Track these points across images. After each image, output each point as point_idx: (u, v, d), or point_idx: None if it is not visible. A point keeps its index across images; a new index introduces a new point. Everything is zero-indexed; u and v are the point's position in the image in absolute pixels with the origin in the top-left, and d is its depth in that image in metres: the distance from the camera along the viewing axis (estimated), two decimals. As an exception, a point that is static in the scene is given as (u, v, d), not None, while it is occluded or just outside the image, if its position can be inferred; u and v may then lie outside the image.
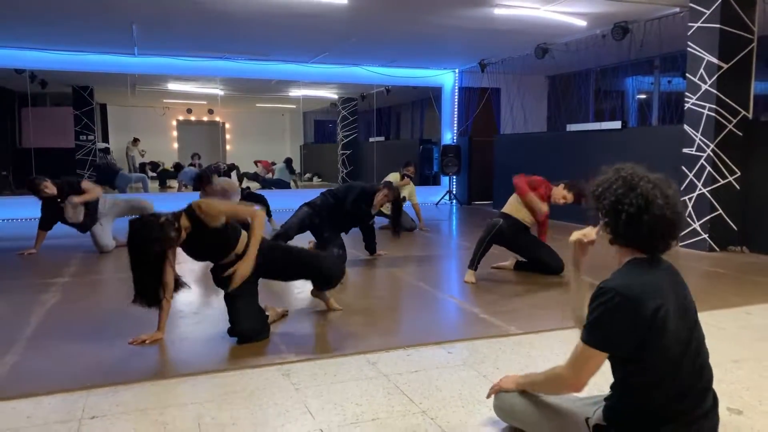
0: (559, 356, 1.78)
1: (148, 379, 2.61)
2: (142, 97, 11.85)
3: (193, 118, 12.91)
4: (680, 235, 1.68)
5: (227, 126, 12.73)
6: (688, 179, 5.78)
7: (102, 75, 9.35)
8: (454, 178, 10.87)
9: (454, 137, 11.01)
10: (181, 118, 12.78)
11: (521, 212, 4.67)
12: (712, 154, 5.59)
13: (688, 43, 5.73)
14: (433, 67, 10.60)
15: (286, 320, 3.50)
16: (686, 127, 5.82)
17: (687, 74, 5.81)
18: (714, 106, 5.53)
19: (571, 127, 8.28)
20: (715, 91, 5.52)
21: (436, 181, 11.51)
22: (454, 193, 10.84)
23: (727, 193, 5.66)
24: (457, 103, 10.98)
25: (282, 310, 3.56)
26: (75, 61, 8.69)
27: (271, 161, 12.74)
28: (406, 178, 7.48)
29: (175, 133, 12.79)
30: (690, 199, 5.77)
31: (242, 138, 12.99)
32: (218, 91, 11.15)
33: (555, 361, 1.89)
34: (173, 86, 11.24)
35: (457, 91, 10.94)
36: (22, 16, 6.53)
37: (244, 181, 12.21)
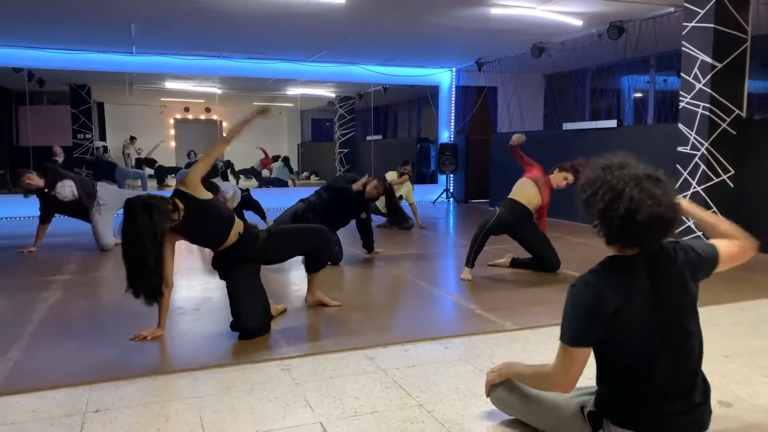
0: (554, 351, 1.83)
1: (149, 374, 2.65)
2: (140, 95, 11.86)
3: (190, 117, 12.93)
4: (675, 228, 1.71)
5: (224, 124, 12.74)
6: (683, 177, 5.83)
7: (99, 73, 9.36)
8: (451, 176, 10.90)
9: (451, 136, 11.05)
10: (179, 116, 12.79)
11: (527, 196, 4.71)
12: (706, 153, 5.64)
13: (683, 42, 5.78)
14: (430, 65, 10.63)
15: (286, 316, 3.55)
16: (681, 126, 5.87)
17: (681, 73, 5.86)
18: (708, 105, 5.58)
19: (568, 126, 8.34)
20: (710, 90, 5.57)
21: (433, 180, 11.55)
22: (451, 191, 10.89)
23: (721, 192, 5.71)
24: (454, 101, 11.01)
25: (281, 307, 3.60)
26: (73, 59, 8.70)
27: (273, 156, 12.74)
28: (404, 176, 7.51)
29: (172, 132, 12.80)
30: (684, 197, 5.81)
31: (239, 136, 12.97)
32: (216, 90, 11.18)
33: (549, 356, 1.93)
34: (170, 85, 11.25)
35: (454, 89, 10.97)
36: (20, 15, 6.54)
37: (241, 179, 12.24)
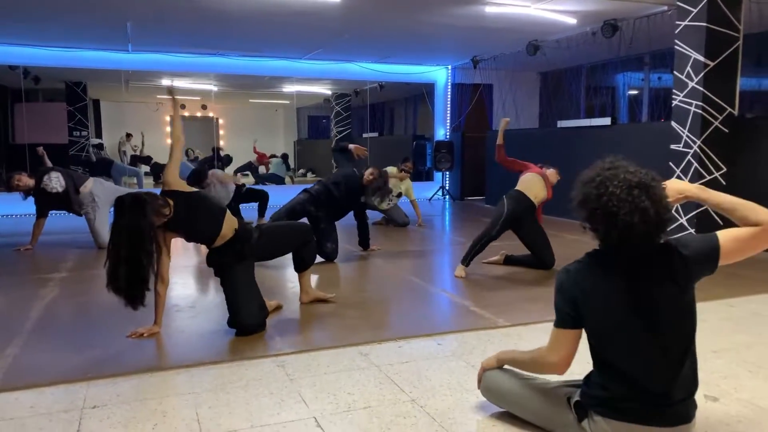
0: (546, 347, 1.90)
1: (146, 370, 2.68)
2: (136, 92, 11.86)
3: (186, 114, 12.91)
4: (665, 231, 1.78)
5: (221, 122, 12.76)
6: (675, 175, 5.87)
7: (95, 71, 9.37)
8: (447, 173, 10.95)
9: (447, 133, 11.09)
10: (175, 113, 12.78)
11: (535, 190, 4.75)
12: (698, 150, 5.69)
13: (676, 41, 5.82)
14: (426, 63, 10.67)
15: (281, 313, 3.59)
16: (674, 124, 5.92)
17: (674, 72, 5.90)
18: (700, 103, 5.63)
19: (562, 124, 8.38)
20: (702, 89, 5.61)
21: (429, 177, 11.58)
22: (447, 188, 10.93)
23: (713, 189, 5.73)
24: (449, 99, 11.05)
25: (276, 303, 3.64)
26: (69, 57, 8.70)
27: (270, 154, 12.77)
28: (403, 172, 7.50)
29: (168, 129, 12.80)
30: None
31: (236, 133, 13.02)
32: (212, 87, 11.19)
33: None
34: (167, 82, 11.25)
35: (450, 87, 11.01)
36: (16, 13, 6.55)
37: (237, 175, 12.24)
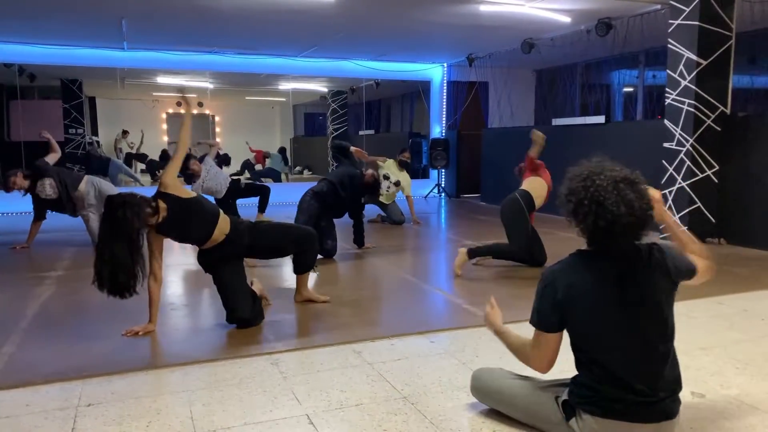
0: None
1: (141, 368, 2.71)
2: (132, 90, 11.87)
3: (182, 111, 12.92)
4: (647, 231, 1.82)
5: (217, 119, 12.77)
6: (668, 173, 5.92)
7: (91, 68, 9.35)
8: (443, 171, 10.98)
9: (443, 131, 11.12)
10: (171, 110, 12.79)
11: (537, 191, 4.79)
12: (691, 149, 5.73)
13: (669, 39, 5.86)
14: (422, 61, 10.68)
15: (276, 311, 3.61)
16: (666, 122, 5.95)
17: (667, 70, 5.94)
18: (693, 102, 5.67)
19: (557, 122, 8.41)
20: (694, 87, 5.65)
21: (425, 175, 11.62)
22: (443, 186, 10.96)
23: (705, 187, 5.81)
24: (445, 96, 11.07)
25: (258, 287, 3.64)
26: (64, 55, 8.70)
27: (265, 151, 12.80)
28: (401, 166, 7.56)
29: (164, 126, 12.80)
30: (670, 193, 5.92)
31: (232, 131, 13.03)
32: (208, 85, 11.19)
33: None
34: (162, 79, 11.26)
35: (446, 85, 11.03)
36: (11, 11, 6.54)
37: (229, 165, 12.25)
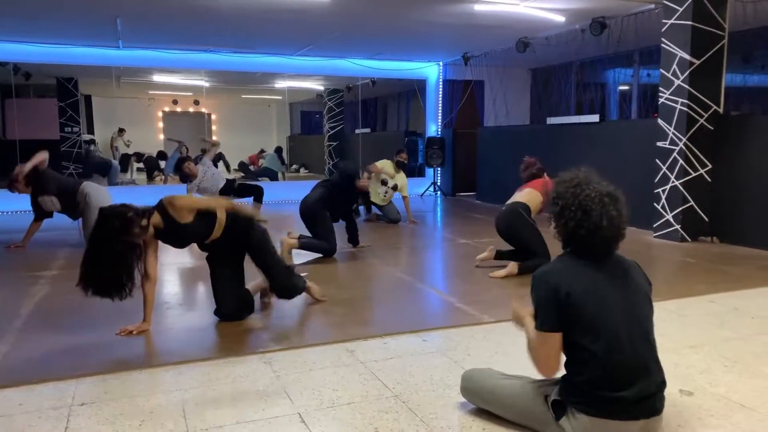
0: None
1: (135, 368, 2.73)
2: (127, 88, 11.83)
3: (179, 109, 12.91)
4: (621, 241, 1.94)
5: (213, 117, 12.76)
6: (662, 172, 5.95)
7: (86, 67, 9.33)
8: (439, 169, 11.00)
9: (439, 129, 11.14)
10: (167, 109, 12.78)
11: (533, 202, 4.78)
12: (684, 148, 5.77)
13: (662, 39, 5.89)
14: (418, 59, 10.69)
15: (271, 309, 3.63)
16: (660, 121, 5.99)
17: (661, 69, 5.97)
18: (686, 101, 5.70)
19: (552, 121, 8.45)
20: (687, 87, 5.68)
21: (420, 173, 11.63)
22: (439, 184, 10.99)
23: (698, 186, 5.84)
24: (441, 95, 11.08)
25: (259, 284, 3.67)
26: (59, 53, 8.68)
27: (260, 149, 12.80)
28: (398, 167, 7.52)
29: (161, 125, 12.79)
30: (663, 191, 5.95)
31: (228, 129, 13.02)
32: (204, 83, 11.18)
33: (523, 349, 2.05)
34: (158, 78, 11.24)
35: (442, 83, 11.04)
36: (6, 9, 6.53)
37: (231, 172, 12.27)
